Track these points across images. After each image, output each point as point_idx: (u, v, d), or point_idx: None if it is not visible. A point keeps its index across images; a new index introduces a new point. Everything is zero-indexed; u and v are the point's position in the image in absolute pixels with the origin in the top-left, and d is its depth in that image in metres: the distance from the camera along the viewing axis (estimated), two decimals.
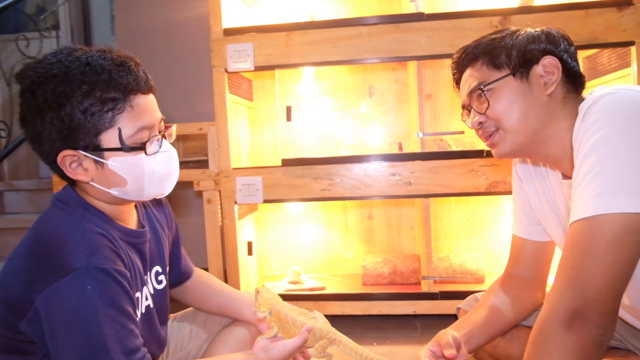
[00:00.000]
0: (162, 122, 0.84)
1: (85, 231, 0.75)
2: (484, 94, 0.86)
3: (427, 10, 1.59)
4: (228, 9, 1.70)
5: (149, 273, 0.93)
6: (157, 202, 1.01)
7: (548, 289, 1.07)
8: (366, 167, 1.60)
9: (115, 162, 0.77)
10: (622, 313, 0.87)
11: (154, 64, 2.22)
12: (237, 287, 1.67)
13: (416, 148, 1.69)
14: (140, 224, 0.93)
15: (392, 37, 1.58)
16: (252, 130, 2.06)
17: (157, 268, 0.96)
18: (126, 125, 0.76)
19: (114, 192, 0.79)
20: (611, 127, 0.69)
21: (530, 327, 0.99)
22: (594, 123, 0.71)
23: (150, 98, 0.81)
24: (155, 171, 0.81)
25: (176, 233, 1.07)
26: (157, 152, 0.81)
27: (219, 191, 1.69)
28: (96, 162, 0.77)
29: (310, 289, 1.75)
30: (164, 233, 0.99)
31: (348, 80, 2.01)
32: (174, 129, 0.86)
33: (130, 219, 0.89)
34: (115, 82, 0.75)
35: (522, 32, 0.88)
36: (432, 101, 1.95)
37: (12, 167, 3.34)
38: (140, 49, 2.24)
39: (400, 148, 1.93)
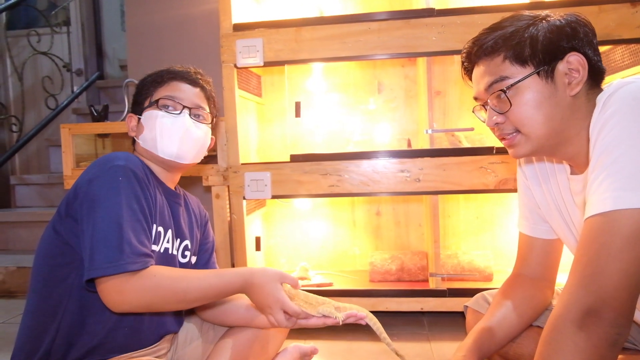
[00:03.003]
0: (200, 109, 1.06)
1: (132, 156, 0.95)
2: (507, 95, 0.81)
3: (437, 5, 1.57)
4: (238, 4, 1.70)
5: (179, 240, 1.05)
6: (202, 213, 1.19)
7: (557, 287, 1.06)
8: (375, 163, 1.60)
9: (144, 115, 1.03)
10: (636, 314, 0.85)
11: (164, 59, 2.23)
12: None
13: (425, 145, 1.68)
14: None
15: (402, 33, 1.57)
16: (261, 125, 2.06)
17: (187, 243, 1.08)
18: (159, 92, 1.03)
19: (140, 141, 1.03)
20: (630, 120, 0.66)
21: (539, 327, 0.99)
22: (613, 115, 0.68)
23: (195, 90, 1.06)
24: (164, 125, 1.00)
25: (212, 246, 1.20)
26: (170, 113, 1.01)
27: (228, 186, 1.70)
28: (138, 119, 1.04)
29: (318, 285, 1.75)
30: (198, 229, 1.14)
31: (357, 76, 2.00)
32: (205, 114, 1.07)
33: (170, 186, 1.07)
34: (165, 71, 1.05)
35: (545, 22, 0.82)
36: (442, 98, 1.94)
37: (23, 162, 3.38)
38: (150, 44, 2.25)
39: (409, 144, 1.92)
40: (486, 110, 0.88)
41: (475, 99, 0.91)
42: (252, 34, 1.63)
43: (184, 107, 1.03)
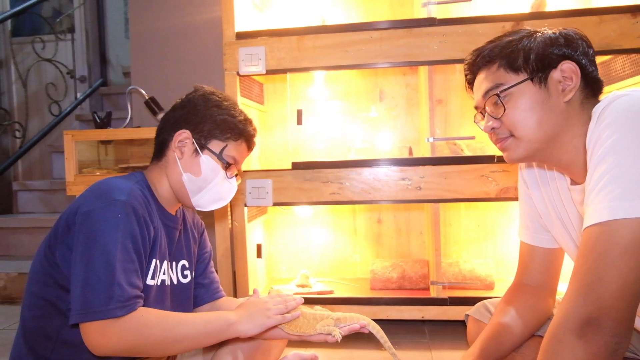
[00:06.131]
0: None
1: (135, 188, 0.93)
2: (500, 100, 0.84)
3: (439, 15, 1.59)
4: (240, 12, 1.71)
5: (175, 263, 1.05)
6: (198, 224, 1.19)
7: (558, 296, 1.06)
8: (376, 171, 1.60)
9: (206, 159, 1.01)
10: (636, 322, 0.85)
11: (167, 67, 2.24)
12: (246, 289, 1.68)
13: (426, 153, 1.68)
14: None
15: (403, 42, 1.58)
16: (263, 133, 2.07)
17: (184, 262, 1.08)
18: (230, 148, 1.04)
19: (185, 176, 1.00)
20: (626, 130, 0.67)
21: (541, 337, 0.98)
22: (609, 126, 0.69)
23: (247, 155, 1.10)
24: (218, 186, 1.03)
25: (209, 256, 1.21)
26: (229, 178, 1.05)
27: None
28: (195, 150, 1.01)
29: (319, 293, 1.75)
30: (194, 243, 1.15)
31: (359, 84, 2.01)
32: (239, 180, 1.12)
33: (171, 211, 1.06)
34: (244, 127, 1.06)
35: (540, 34, 0.85)
36: (443, 106, 1.95)
37: (26, 168, 3.39)
38: (154, 51, 2.27)
39: (411, 153, 1.92)
40: (484, 117, 0.91)
41: (476, 108, 0.93)
42: (254, 42, 1.64)
43: (237, 175, 1.08)
